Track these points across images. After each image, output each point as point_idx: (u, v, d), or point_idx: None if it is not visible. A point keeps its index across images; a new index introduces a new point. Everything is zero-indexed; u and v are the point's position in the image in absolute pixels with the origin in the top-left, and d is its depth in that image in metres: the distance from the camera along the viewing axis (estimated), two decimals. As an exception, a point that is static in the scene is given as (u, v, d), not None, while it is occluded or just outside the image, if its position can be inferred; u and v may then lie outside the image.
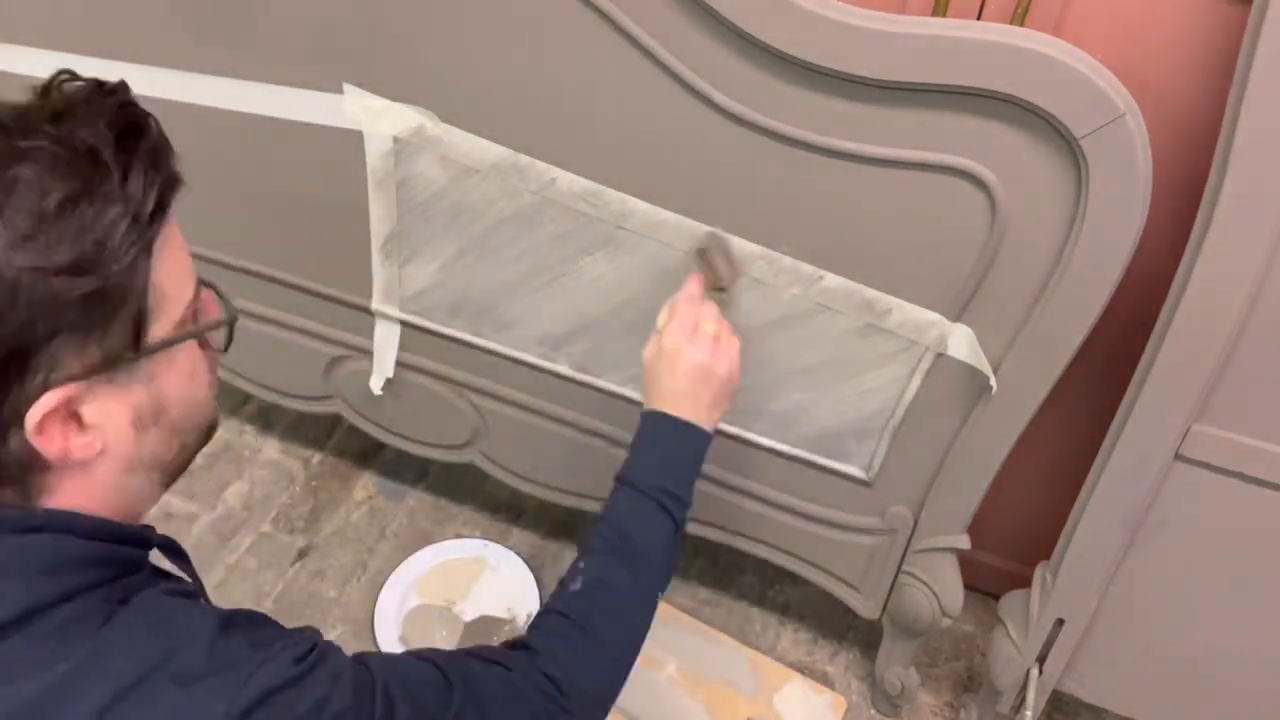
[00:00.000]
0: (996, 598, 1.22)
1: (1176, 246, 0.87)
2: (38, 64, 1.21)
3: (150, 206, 0.55)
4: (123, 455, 0.59)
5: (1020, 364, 0.97)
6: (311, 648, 0.61)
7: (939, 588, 1.17)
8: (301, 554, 1.49)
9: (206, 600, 0.68)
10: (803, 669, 1.38)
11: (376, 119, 1.06)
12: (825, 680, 1.38)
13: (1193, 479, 0.96)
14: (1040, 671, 1.15)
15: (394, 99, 1.05)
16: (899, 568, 1.20)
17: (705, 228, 1.00)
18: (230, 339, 0.66)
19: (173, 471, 0.65)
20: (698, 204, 1.00)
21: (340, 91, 1.06)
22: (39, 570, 0.56)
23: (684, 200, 1.00)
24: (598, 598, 0.81)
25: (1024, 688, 1.17)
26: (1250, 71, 0.76)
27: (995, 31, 0.81)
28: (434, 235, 1.14)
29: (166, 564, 0.68)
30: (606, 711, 0.78)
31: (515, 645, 0.78)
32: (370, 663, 0.65)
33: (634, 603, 0.83)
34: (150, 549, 0.64)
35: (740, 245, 1.00)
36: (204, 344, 0.64)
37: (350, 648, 0.77)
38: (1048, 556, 1.11)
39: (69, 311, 0.52)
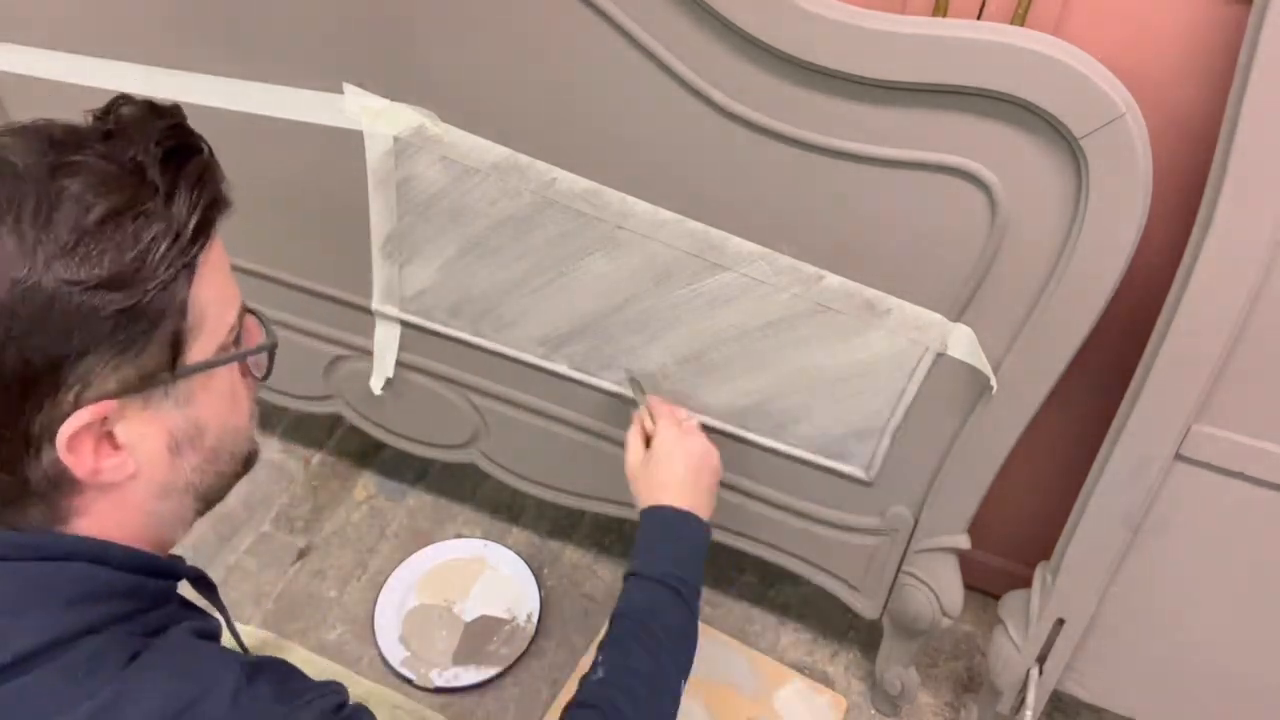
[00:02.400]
0: (996, 598, 1.22)
1: (1176, 246, 0.87)
2: (38, 64, 1.21)
3: (193, 226, 0.55)
4: (157, 479, 0.59)
5: (1020, 364, 0.97)
6: (342, 704, 0.61)
7: (939, 588, 1.17)
8: (301, 554, 1.49)
9: (234, 632, 0.68)
10: (803, 669, 1.38)
11: (376, 119, 1.06)
12: (825, 680, 1.38)
13: (1193, 479, 0.96)
14: (1040, 671, 1.15)
15: (394, 99, 1.05)
16: (899, 568, 1.20)
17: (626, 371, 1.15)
18: (271, 366, 0.65)
19: (208, 499, 0.64)
20: (698, 204, 1.00)
21: (340, 91, 1.06)
22: (68, 600, 0.55)
23: (684, 200, 1.00)
24: (621, 683, 0.81)
25: (1024, 688, 1.16)
26: (1250, 71, 0.76)
27: (995, 31, 0.81)
28: (434, 235, 1.14)
29: (193, 595, 0.68)
30: None
31: None
32: None
33: (657, 686, 0.83)
34: (180, 580, 0.64)
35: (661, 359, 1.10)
36: (244, 370, 0.63)
37: (351, 648, 0.77)
38: (1048, 556, 1.11)
39: (104, 326, 0.52)
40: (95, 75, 1.18)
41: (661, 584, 0.87)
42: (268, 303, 1.34)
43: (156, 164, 0.54)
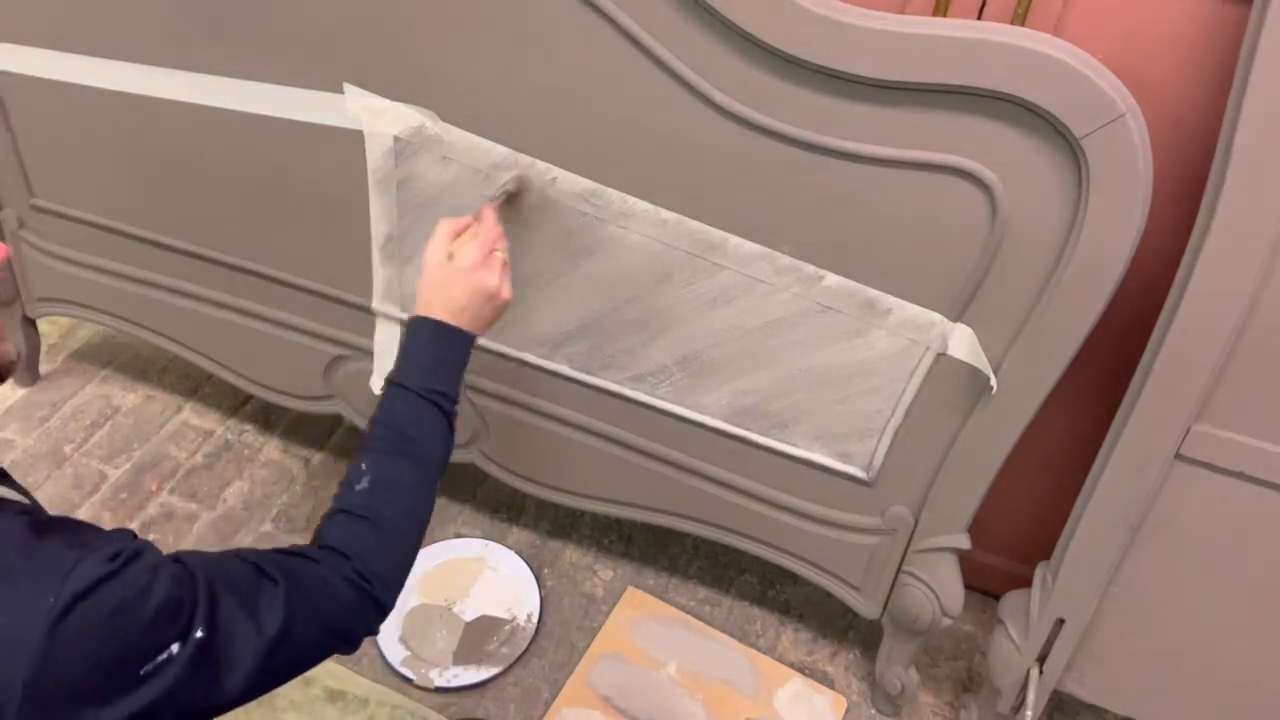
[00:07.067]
0: (996, 598, 1.22)
1: (1176, 246, 0.87)
2: (38, 64, 1.22)
3: None
4: None
5: (1020, 364, 0.97)
6: (124, 545, 0.64)
7: (939, 588, 1.17)
8: (301, 554, 1.48)
9: (41, 511, 0.69)
10: (803, 669, 1.38)
11: (377, 119, 1.07)
12: (825, 680, 1.38)
13: (1193, 479, 0.96)
14: (1040, 671, 1.15)
15: (394, 99, 1.05)
16: (899, 568, 1.20)
17: (512, 175, 1.05)
18: None
19: None
20: (698, 204, 1.00)
21: (340, 91, 1.06)
22: None
23: (684, 200, 1.00)
24: (385, 494, 0.84)
25: (1024, 688, 1.17)
26: (1250, 71, 0.76)
27: (996, 31, 0.81)
28: (434, 235, 1.14)
29: None
30: (401, 589, 0.83)
31: (313, 547, 0.79)
32: (187, 560, 0.68)
33: (416, 493, 0.87)
34: None
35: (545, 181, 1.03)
36: None
37: (350, 647, 0.78)
38: (1048, 556, 1.11)
39: None
40: (95, 75, 1.18)
41: (422, 396, 0.89)
42: (268, 303, 1.34)
43: None
